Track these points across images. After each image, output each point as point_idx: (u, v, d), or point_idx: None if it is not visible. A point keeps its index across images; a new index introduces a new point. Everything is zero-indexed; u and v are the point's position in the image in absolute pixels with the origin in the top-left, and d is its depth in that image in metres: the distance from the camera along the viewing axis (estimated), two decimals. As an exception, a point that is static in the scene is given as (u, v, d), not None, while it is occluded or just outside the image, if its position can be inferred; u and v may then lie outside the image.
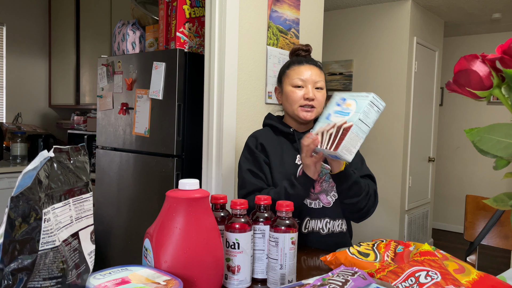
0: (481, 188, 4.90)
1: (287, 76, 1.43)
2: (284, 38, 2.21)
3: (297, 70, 1.41)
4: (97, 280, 0.72)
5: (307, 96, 1.38)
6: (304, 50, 1.49)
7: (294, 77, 1.40)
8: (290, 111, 1.43)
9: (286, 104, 1.44)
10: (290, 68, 1.43)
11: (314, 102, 1.39)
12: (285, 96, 1.44)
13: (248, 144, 1.47)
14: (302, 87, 1.39)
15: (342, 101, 1.20)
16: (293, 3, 2.24)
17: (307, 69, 1.40)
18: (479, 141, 0.62)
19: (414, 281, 0.75)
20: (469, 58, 0.64)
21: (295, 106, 1.40)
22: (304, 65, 1.42)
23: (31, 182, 0.61)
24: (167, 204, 0.84)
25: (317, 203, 1.37)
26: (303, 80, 1.39)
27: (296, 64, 1.43)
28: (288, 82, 1.42)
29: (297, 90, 1.40)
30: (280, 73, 1.49)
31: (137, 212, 2.34)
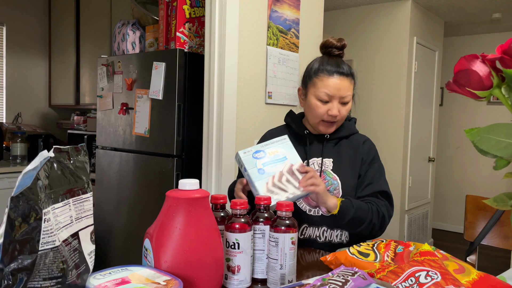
0: (481, 188, 4.90)
1: (313, 85, 1.31)
2: (284, 38, 2.21)
3: (325, 82, 1.28)
4: (97, 280, 0.72)
5: (331, 113, 1.29)
6: (338, 47, 1.34)
7: (320, 90, 1.29)
8: (311, 121, 1.37)
9: (308, 112, 1.36)
10: (319, 76, 1.30)
11: (336, 118, 1.31)
12: (308, 104, 1.34)
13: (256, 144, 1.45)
14: (328, 101, 1.29)
15: (260, 153, 1.18)
16: (293, 3, 2.24)
17: (336, 82, 1.28)
18: (479, 141, 0.62)
19: (414, 281, 0.75)
20: (469, 58, 0.64)
21: (316, 121, 1.33)
22: (334, 77, 1.28)
23: (31, 182, 0.61)
24: (167, 204, 0.84)
25: (316, 210, 1.33)
26: (329, 95, 1.28)
27: (325, 74, 1.29)
28: (314, 92, 1.31)
29: (321, 105, 1.30)
30: (306, 75, 1.36)
31: (137, 212, 2.34)
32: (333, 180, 1.34)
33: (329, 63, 1.31)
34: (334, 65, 1.30)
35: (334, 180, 1.35)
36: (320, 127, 1.34)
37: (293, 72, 2.26)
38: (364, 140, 1.43)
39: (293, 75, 2.27)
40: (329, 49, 1.34)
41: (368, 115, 3.87)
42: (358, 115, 3.94)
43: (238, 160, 1.19)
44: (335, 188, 1.34)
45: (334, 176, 1.34)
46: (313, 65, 1.35)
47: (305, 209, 1.33)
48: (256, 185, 1.14)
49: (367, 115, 3.88)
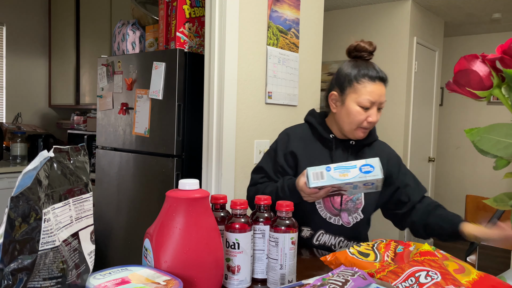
0: (481, 188, 4.90)
1: (355, 91, 1.27)
2: (284, 38, 2.21)
3: (369, 88, 1.25)
4: (97, 280, 0.72)
5: (371, 120, 1.27)
6: (370, 51, 1.31)
7: (364, 96, 1.25)
8: (346, 128, 1.32)
9: (345, 120, 1.31)
10: (361, 82, 1.26)
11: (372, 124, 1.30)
12: (345, 111, 1.29)
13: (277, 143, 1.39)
14: (368, 108, 1.27)
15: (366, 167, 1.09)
16: (293, 3, 2.24)
17: (379, 89, 1.26)
18: (479, 141, 0.62)
19: (414, 281, 0.75)
20: (469, 58, 0.64)
21: (353, 127, 1.30)
22: (376, 84, 1.26)
23: (31, 182, 0.61)
24: (167, 204, 0.84)
25: (337, 219, 1.32)
26: (372, 102, 1.26)
27: (368, 80, 1.26)
28: (355, 98, 1.27)
29: (362, 111, 1.27)
30: (344, 79, 1.30)
31: (137, 212, 2.34)
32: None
33: (368, 68, 1.28)
34: (375, 71, 1.28)
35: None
36: (357, 134, 1.31)
37: (293, 72, 2.26)
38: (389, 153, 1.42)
39: (293, 75, 2.27)
40: (361, 53, 1.31)
41: (368, 115, 3.87)
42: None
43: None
44: (358, 198, 1.34)
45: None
46: (351, 69, 1.30)
47: (325, 216, 1.32)
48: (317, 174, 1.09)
49: (367, 115, 3.87)
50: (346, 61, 1.36)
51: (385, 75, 1.30)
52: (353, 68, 1.30)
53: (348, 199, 1.32)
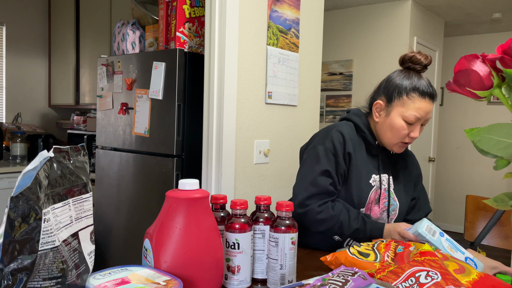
0: (481, 188, 4.90)
1: (402, 104, 1.23)
2: (284, 38, 2.21)
3: (418, 103, 1.21)
4: (97, 280, 0.72)
5: (413, 136, 1.24)
6: (425, 65, 1.26)
7: (411, 112, 1.21)
8: (387, 141, 1.28)
9: (387, 132, 1.27)
10: (411, 96, 1.22)
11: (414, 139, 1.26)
12: (389, 123, 1.26)
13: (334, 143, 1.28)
14: (413, 124, 1.23)
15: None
16: (293, 3, 2.24)
17: (427, 106, 1.22)
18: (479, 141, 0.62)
19: (414, 281, 0.75)
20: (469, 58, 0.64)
21: (395, 141, 1.26)
22: (426, 100, 1.22)
23: (31, 182, 0.61)
24: (167, 204, 0.84)
25: None
26: (418, 118, 1.22)
27: (418, 95, 1.22)
28: (401, 112, 1.23)
29: (406, 126, 1.23)
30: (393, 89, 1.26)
31: (137, 212, 2.34)
32: (393, 201, 1.32)
33: (421, 83, 1.23)
34: (427, 87, 1.23)
35: (395, 201, 1.33)
36: (396, 148, 1.28)
37: (293, 72, 2.26)
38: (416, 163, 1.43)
39: (293, 75, 2.27)
40: (415, 65, 1.26)
41: (368, 115, 3.87)
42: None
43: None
44: (394, 209, 1.33)
45: (395, 197, 1.33)
46: (402, 81, 1.25)
47: None
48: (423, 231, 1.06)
49: (367, 115, 3.87)
50: (397, 70, 1.31)
51: (435, 91, 1.25)
52: (405, 80, 1.25)
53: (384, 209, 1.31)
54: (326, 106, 4.24)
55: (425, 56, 1.25)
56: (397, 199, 1.34)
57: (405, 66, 1.29)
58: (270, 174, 2.19)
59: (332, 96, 4.20)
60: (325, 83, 4.24)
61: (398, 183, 1.35)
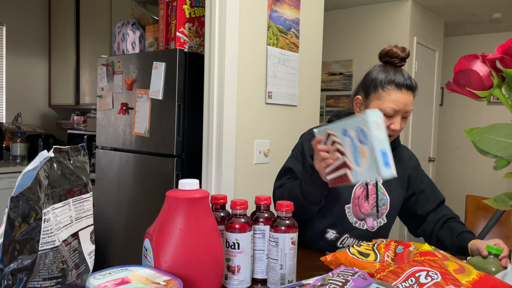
0: (481, 188, 4.90)
1: (379, 97, 1.24)
2: (284, 38, 2.21)
3: (393, 96, 1.21)
4: (97, 280, 0.72)
5: (393, 128, 1.24)
6: (402, 58, 1.26)
7: (388, 104, 1.22)
8: None
9: None
10: (386, 89, 1.23)
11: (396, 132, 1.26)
12: None
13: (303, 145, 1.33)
14: (392, 116, 1.24)
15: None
16: (293, 3, 2.24)
17: (404, 97, 1.22)
18: (480, 141, 0.62)
19: (414, 281, 0.75)
20: (469, 58, 0.64)
21: None
22: (402, 92, 1.22)
23: (31, 182, 0.61)
24: (167, 204, 0.84)
25: (362, 224, 1.32)
26: (396, 110, 1.22)
27: (394, 87, 1.22)
28: (378, 105, 1.23)
29: (385, 120, 1.22)
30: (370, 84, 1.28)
31: (137, 212, 2.34)
32: (383, 195, 1.34)
33: (396, 75, 1.24)
34: (402, 78, 1.23)
35: (384, 195, 1.34)
36: None
37: (293, 72, 2.26)
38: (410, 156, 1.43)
39: (293, 75, 2.27)
40: (392, 59, 1.27)
41: (368, 115, 3.87)
42: (358, 115, 3.92)
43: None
44: (384, 204, 1.34)
45: (384, 191, 1.34)
46: (378, 75, 1.26)
47: (352, 221, 1.32)
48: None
49: (367, 115, 3.87)
50: (376, 65, 1.32)
51: (414, 83, 1.25)
52: (380, 73, 1.26)
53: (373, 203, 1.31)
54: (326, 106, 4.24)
55: (401, 49, 1.26)
56: (387, 193, 1.34)
57: (383, 60, 1.30)
58: (270, 174, 2.18)
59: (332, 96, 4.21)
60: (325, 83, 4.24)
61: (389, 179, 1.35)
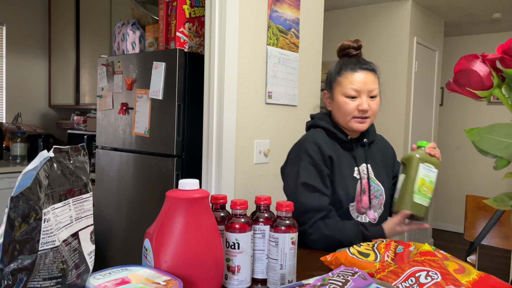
0: (481, 188, 4.90)
1: (338, 84, 1.31)
2: (284, 38, 2.21)
3: (350, 78, 1.29)
4: (97, 280, 0.72)
5: (361, 108, 1.28)
6: (355, 47, 1.35)
7: (347, 86, 1.29)
8: (342, 122, 1.34)
9: (338, 113, 1.34)
10: (342, 74, 1.31)
11: (368, 113, 1.30)
12: (336, 105, 1.33)
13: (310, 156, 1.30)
14: (356, 97, 1.29)
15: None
16: (293, 3, 2.24)
17: (361, 76, 1.28)
18: (479, 141, 0.62)
19: (414, 281, 0.75)
20: (469, 58, 0.64)
21: (348, 118, 1.31)
22: (358, 72, 1.29)
23: (31, 182, 0.61)
24: (167, 204, 0.84)
25: (364, 217, 1.33)
26: (357, 90, 1.28)
27: (349, 71, 1.30)
28: (340, 91, 1.30)
29: (350, 101, 1.29)
30: (329, 78, 1.36)
31: (137, 212, 2.34)
32: (378, 187, 1.35)
33: (350, 61, 1.32)
34: (356, 62, 1.31)
35: (379, 186, 1.36)
36: (353, 125, 1.31)
37: (293, 72, 2.26)
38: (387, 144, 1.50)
39: (293, 75, 2.27)
40: (346, 51, 1.36)
41: (368, 115, 3.87)
42: (358, 115, 3.93)
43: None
44: (381, 194, 1.36)
45: (378, 182, 1.36)
46: (335, 67, 1.35)
47: (354, 216, 1.33)
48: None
49: (367, 115, 3.87)
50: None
51: (369, 64, 1.32)
52: (336, 65, 1.35)
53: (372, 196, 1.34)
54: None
55: (353, 40, 1.35)
56: (380, 183, 1.37)
57: (340, 55, 1.38)
58: (270, 174, 2.18)
59: (332, 96, 4.21)
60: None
61: (378, 168, 1.38)
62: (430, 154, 1.22)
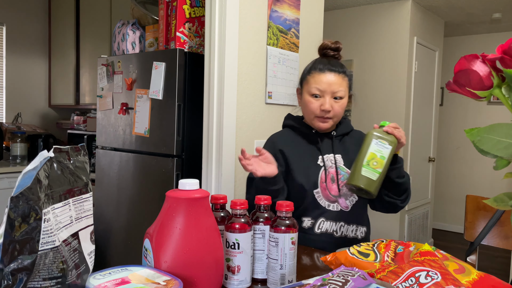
0: (481, 188, 4.90)
1: (307, 82, 1.39)
2: (284, 38, 2.21)
3: (316, 78, 1.35)
4: (97, 280, 0.72)
5: (323, 108, 1.34)
6: (333, 48, 1.40)
7: (312, 86, 1.35)
8: (307, 119, 1.42)
9: (304, 111, 1.43)
10: (311, 73, 1.37)
11: (330, 113, 1.35)
12: (303, 103, 1.41)
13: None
14: (320, 96, 1.35)
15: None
16: (293, 3, 2.24)
17: (327, 78, 1.34)
18: (479, 141, 0.62)
19: (414, 281, 0.75)
20: (469, 58, 0.64)
21: (311, 116, 1.38)
22: (325, 73, 1.34)
23: (31, 182, 0.61)
24: (167, 204, 0.84)
25: (335, 206, 1.36)
26: (321, 90, 1.34)
27: (317, 71, 1.36)
28: (307, 89, 1.38)
29: (314, 100, 1.35)
30: (302, 75, 1.44)
31: (137, 212, 2.34)
32: (347, 174, 1.39)
33: (322, 61, 1.38)
34: (326, 63, 1.37)
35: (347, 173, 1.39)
36: (315, 123, 1.39)
37: (293, 72, 2.26)
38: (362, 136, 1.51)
39: (293, 75, 2.27)
40: (325, 51, 1.41)
41: (368, 115, 3.87)
42: (358, 115, 3.93)
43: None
44: None
45: (347, 170, 1.40)
46: (308, 65, 1.42)
47: (324, 204, 1.36)
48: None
49: (367, 115, 3.88)
50: None
51: (340, 68, 1.36)
52: (309, 64, 1.42)
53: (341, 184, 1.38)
54: (326, 106, 4.25)
55: (333, 41, 1.41)
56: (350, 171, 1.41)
57: (320, 54, 1.44)
58: (270, 174, 2.18)
59: (332, 96, 4.21)
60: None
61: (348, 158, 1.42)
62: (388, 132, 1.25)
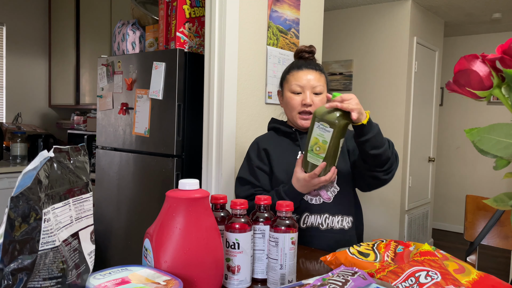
0: (481, 188, 4.90)
1: (286, 81, 1.45)
2: (284, 38, 2.21)
3: (295, 75, 1.42)
4: (97, 280, 0.72)
5: (305, 102, 1.39)
6: (307, 51, 1.48)
7: (292, 83, 1.41)
8: (290, 118, 1.47)
9: (286, 110, 1.48)
10: (290, 73, 1.44)
11: (311, 107, 1.40)
12: (285, 101, 1.46)
13: (248, 152, 1.51)
14: (300, 93, 1.41)
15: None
16: (293, 3, 2.24)
17: (305, 74, 1.41)
18: (479, 141, 0.62)
19: (414, 281, 0.75)
20: (469, 58, 0.64)
21: (294, 113, 1.43)
22: (302, 70, 1.42)
23: (31, 182, 0.61)
24: (167, 204, 0.84)
25: (318, 199, 1.39)
26: (301, 86, 1.40)
27: (295, 69, 1.43)
28: (287, 87, 1.44)
29: (295, 97, 1.41)
30: (281, 77, 1.50)
31: (137, 212, 2.34)
32: None
33: (299, 62, 1.46)
34: (303, 62, 1.44)
35: None
36: (298, 121, 1.42)
37: (293, 72, 2.26)
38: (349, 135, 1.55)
39: (293, 75, 2.27)
40: (300, 54, 1.48)
41: (368, 115, 3.87)
42: (358, 115, 3.92)
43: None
44: None
45: None
46: (286, 68, 1.49)
47: (306, 198, 1.38)
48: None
49: (367, 115, 3.87)
50: None
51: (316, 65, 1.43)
52: (287, 66, 1.49)
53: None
54: (326, 106, 4.24)
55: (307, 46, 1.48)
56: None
57: (297, 57, 1.50)
58: (270, 174, 2.18)
59: (332, 96, 4.20)
60: (325, 83, 4.24)
61: None
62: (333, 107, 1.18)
